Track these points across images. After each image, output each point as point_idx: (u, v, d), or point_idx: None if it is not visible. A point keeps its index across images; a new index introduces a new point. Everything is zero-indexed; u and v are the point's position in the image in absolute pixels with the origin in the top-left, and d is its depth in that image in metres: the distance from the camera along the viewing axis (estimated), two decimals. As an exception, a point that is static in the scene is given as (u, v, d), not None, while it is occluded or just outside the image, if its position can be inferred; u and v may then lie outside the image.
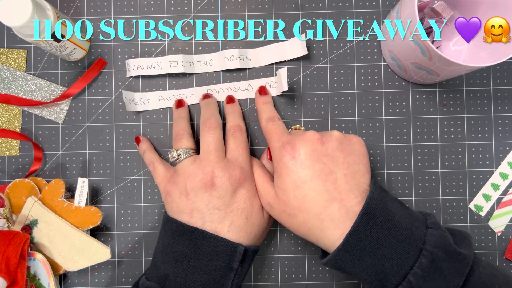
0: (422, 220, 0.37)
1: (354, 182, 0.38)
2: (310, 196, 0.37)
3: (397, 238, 0.35)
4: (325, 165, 0.38)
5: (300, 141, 0.39)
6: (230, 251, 0.39)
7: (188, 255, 0.39)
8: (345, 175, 0.38)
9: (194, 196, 0.41)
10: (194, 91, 0.50)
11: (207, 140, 0.43)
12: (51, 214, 0.46)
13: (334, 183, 0.37)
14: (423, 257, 0.34)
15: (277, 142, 0.41)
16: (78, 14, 0.50)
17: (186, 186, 0.41)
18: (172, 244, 0.40)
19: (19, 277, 0.42)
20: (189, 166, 0.42)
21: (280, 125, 0.43)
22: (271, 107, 0.47)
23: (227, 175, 0.41)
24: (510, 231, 0.49)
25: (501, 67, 0.50)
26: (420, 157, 0.50)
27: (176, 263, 0.39)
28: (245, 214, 0.41)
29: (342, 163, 0.38)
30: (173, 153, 0.44)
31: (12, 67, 0.50)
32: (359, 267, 0.36)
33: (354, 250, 0.35)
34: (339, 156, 0.38)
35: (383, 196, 0.37)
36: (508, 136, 0.50)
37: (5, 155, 0.50)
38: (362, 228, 0.35)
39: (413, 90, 0.50)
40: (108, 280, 0.50)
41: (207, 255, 0.39)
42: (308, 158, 0.38)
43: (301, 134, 0.40)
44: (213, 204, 0.40)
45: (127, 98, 0.48)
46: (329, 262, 0.36)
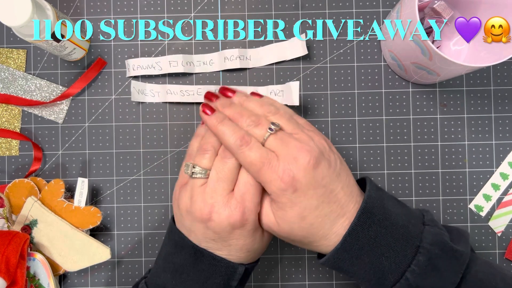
0: (419, 217, 0.37)
1: (350, 190, 0.37)
2: (316, 223, 0.36)
3: (394, 236, 0.35)
4: (325, 187, 0.36)
5: (298, 170, 0.35)
6: (229, 271, 0.38)
7: (188, 268, 0.38)
8: (342, 188, 0.36)
9: (191, 221, 0.38)
10: (202, 89, 0.49)
11: (218, 167, 0.38)
12: (51, 214, 0.46)
13: (336, 202, 0.36)
14: (420, 255, 0.34)
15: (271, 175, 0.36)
16: (78, 14, 0.50)
17: (186, 207, 0.38)
18: (173, 254, 0.40)
19: (18, 277, 0.42)
20: (196, 188, 0.38)
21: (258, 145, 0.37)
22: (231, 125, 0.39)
23: (227, 213, 0.37)
24: (510, 231, 0.49)
25: (501, 67, 0.50)
26: (420, 157, 0.50)
27: (175, 274, 0.39)
28: (246, 248, 0.39)
29: (337, 177, 0.36)
30: (189, 168, 0.39)
31: (12, 67, 0.50)
32: (357, 266, 0.36)
33: (352, 248, 0.35)
34: (332, 173, 0.36)
35: (380, 195, 0.37)
36: (508, 136, 0.50)
37: (4, 155, 0.50)
38: (360, 227, 0.35)
39: (413, 90, 0.50)
40: (108, 280, 0.50)
41: (206, 272, 0.38)
42: (310, 187, 0.35)
43: (293, 158, 0.35)
44: (208, 235, 0.38)
45: (136, 88, 0.49)
46: (327, 261, 0.36)
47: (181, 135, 0.50)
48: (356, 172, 0.50)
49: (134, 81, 0.49)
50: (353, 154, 0.50)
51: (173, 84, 0.50)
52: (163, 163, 0.50)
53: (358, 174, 0.49)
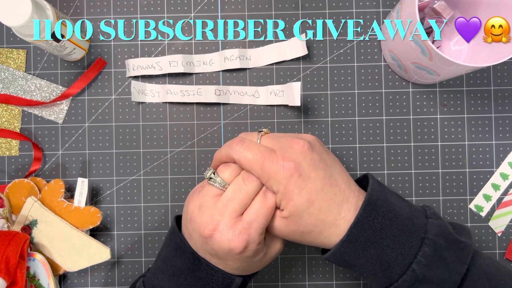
0: (422, 211, 0.38)
1: (346, 177, 0.38)
2: (324, 207, 0.36)
3: (399, 228, 0.35)
4: (324, 170, 0.36)
5: (297, 155, 0.36)
6: (226, 281, 0.38)
7: (186, 273, 0.38)
8: (339, 173, 0.37)
9: (192, 230, 0.38)
10: (202, 89, 0.49)
11: (237, 186, 0.37)
12: (51, 214, 0.46)
13: (337, 186, 0.37)
14: (425, 246, 0.34)
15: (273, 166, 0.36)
16: (78, 14, 0.50)
17: (193, 215, 0.38)
18: (173, 257, 0.40)
19: (18, 277, 0.42)
20: (208, 198, 0.38)
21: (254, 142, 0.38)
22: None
23: (230, 237, 0.36)
24: (510, 231, 0.49)
25: (501, 67, 0.50)
26: (420, 157, 0.50)
27: (173, 277, 0.39)
28: (242, 268, 0.38)
29: (332, 163, 0.38)
30: (209, 172, 0.39)
31: (12, 67, 0.50)
32: (364, 258, 0.36)
33: (358, 240, 0.35)
34: (327, 157, 0.38)
35: (382, 189, 0.37)
36: (508, 136, 0.50)
37: (4, 155, 0.50)
38: (365, 219, 0.35)
39: (413, 90, 0.50)
40: (108, 280, 0.50)
41: (203, 280, 0.38)
42: (311, 168, 0.36)
43: (288, 147, 0.36)
44: (207, 249, 0.37)
45: (136, 88, 0.49)
46: (333, 255, 0.36)
47: (181, 135, 0.50)
48: (356, 172, 0.50)
49: (134, 81, 0.49)
50: (353, 154, 0.50)
51: (173, 84, 0.50)
52: (163, 163, 0.50)
53: (358, 174, 0.49)
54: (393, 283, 0.35)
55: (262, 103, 0.50)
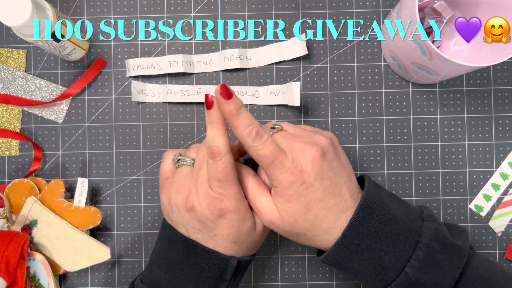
0: (418, 213, 0.38)
1: (352, 186, 0.37)
2: (321, 215, 0.36)
3: (393, 232, 0.35)
4: (330, 179, 0.36)
5: (306, 161, 0.35)
6: (222, 264, 0.38)
7: (181, 263, 0.38)
8: (345, 183, 0.37)
9: (177, 212, 0.38)
10: (202, 89, 0.49)
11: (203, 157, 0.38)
12: (51, 214, 0.46)
13: (340, 195, 0.36)
14: (419, 250, 0.34)
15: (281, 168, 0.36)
16: (78, 14, 0.50)
17: (171, 199, 0.39)
18: (167, 250, 0.40)
19: (18, 277, 0.42)
20: (182, 178, 0.39)
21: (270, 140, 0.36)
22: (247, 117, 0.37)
23: (208, 201, 0.37)
24: (510, 231, 0.49)
25: (501, 67, 0.50)
26: (420, 157, 0.50)
27: (169, 269, 0.39)
28: (231, 238, 0.38)
29: (341, 171, 0.37)
30: (178, 158, 0.40)
31: (12, 67, 0.50)
32: (357, 261, 0.36)
33: (352, 244, 0.35)
34: (337, 166, 0.37)
35: (379, 191, 0.37)
36: (508, 136, 0.50)
37: (4, 155, 0.50)
38: (359, 223, 0.35)
39: (413, 90, 0.50)
40: (108, 280, 0.50)
41: (199, 266, 0.38)
42: (317, 178, 0.35)
43: (300, 150, 0.36)
44: (194, 225, 0.38)
45: (136, 88, 0.49)
46: (327, 258, 0.37)
47: (181, 135, 0.50)
48: (356, 172, 0.50)
49: (134, 81, 0.49)
50: (353, 154, 0.50)
51: (173, 84, 0.50)
52: (163, 163, 0.50)
53: (358, 174, 0.49)
54: (387, 286, 0.35)
55: (262, 103, 0.50)
